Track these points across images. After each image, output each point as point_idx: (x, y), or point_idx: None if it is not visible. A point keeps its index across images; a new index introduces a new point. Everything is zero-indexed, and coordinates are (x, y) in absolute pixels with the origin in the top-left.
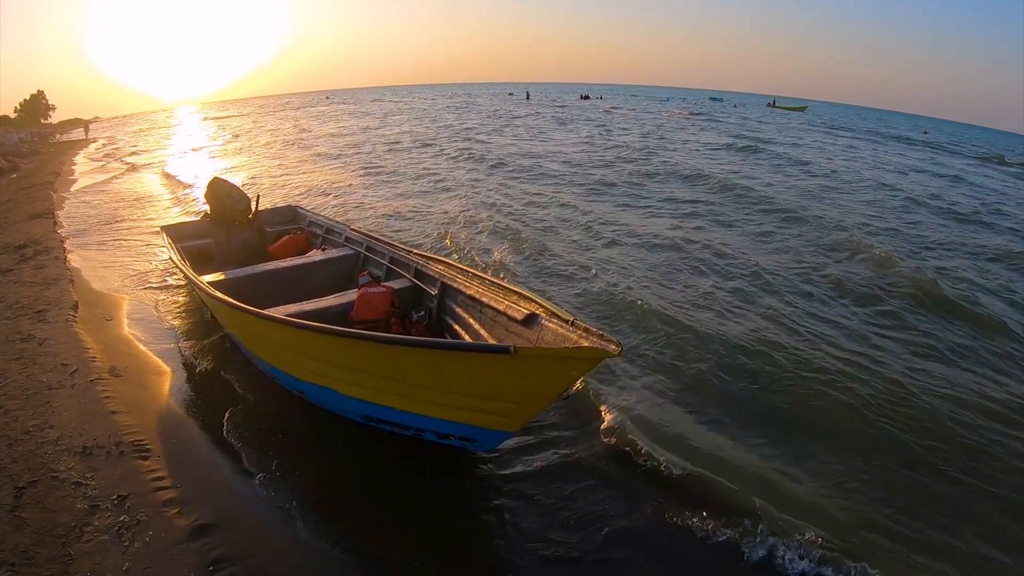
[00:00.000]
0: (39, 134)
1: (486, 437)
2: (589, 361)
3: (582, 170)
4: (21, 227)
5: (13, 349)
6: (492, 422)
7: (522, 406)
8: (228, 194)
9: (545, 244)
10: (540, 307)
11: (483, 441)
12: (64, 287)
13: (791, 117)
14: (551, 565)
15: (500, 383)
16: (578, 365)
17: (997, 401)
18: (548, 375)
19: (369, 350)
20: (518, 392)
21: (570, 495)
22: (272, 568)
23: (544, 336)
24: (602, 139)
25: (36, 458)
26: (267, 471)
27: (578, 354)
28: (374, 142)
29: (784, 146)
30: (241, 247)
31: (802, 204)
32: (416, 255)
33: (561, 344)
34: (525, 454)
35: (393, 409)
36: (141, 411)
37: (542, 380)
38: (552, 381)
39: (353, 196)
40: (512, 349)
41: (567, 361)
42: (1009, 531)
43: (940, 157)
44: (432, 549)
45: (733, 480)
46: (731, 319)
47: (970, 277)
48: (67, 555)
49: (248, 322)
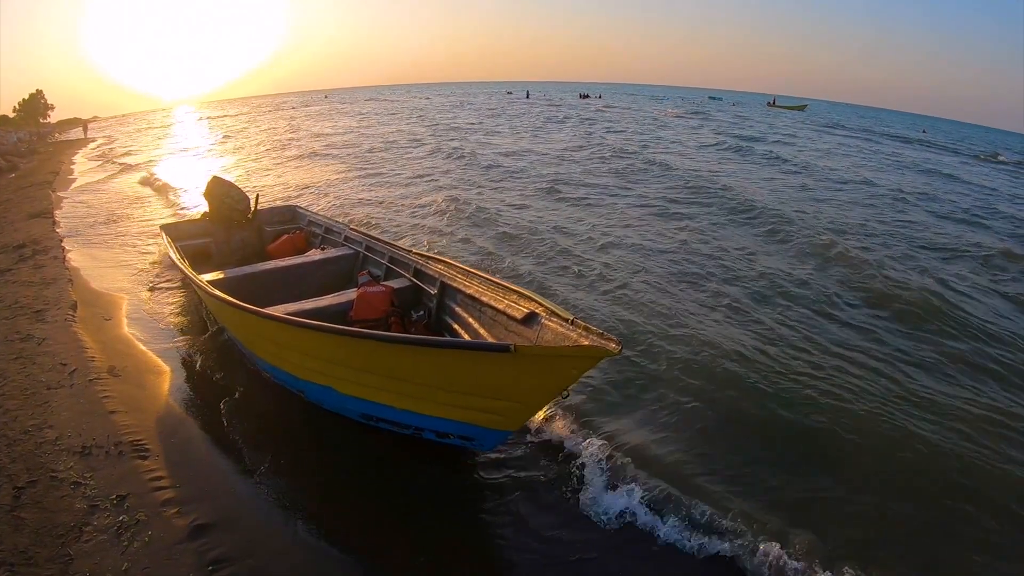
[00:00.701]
0: (38, 133)
1: (485, 436)
2: (589, 360)
3: (549, 167)
4: (20, 226)
5: (12, 349)
6: (491, 421)
7: (522, 405)
8: (227, 193)
9: (519, 241)
10: (540, 306)
11: (482, 440)
12: (63, 287)
13: (788, 116)
14: (550, 565)
15: (500, 382)
16: (578, 363)
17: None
18: (548, 374)
19: (369, 349)
20: (518, 391)
21: (570, 496)
22: (271, 568)
23: (544, 335)
24: (583, 139)
25: (35, 458)
26: (266, 470)
27: (578, 352)
28: (362, 141)
29: (768, 144)
30: (240, 246)
31: (771, 203)
32: (416, 255)
33: (561, 343)
34: (524, 453)
35: (392, 408)
36: (140, 411)
37: (542, 379)
38: (552, 380)
39: (335, 190)
40: (512, 348)
41: (567, 360)
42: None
43: (930, 154)
44: (432, 548)
45: (730, 490)
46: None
47: (942, 276)
48: (66, 555)
49: (247, 321)
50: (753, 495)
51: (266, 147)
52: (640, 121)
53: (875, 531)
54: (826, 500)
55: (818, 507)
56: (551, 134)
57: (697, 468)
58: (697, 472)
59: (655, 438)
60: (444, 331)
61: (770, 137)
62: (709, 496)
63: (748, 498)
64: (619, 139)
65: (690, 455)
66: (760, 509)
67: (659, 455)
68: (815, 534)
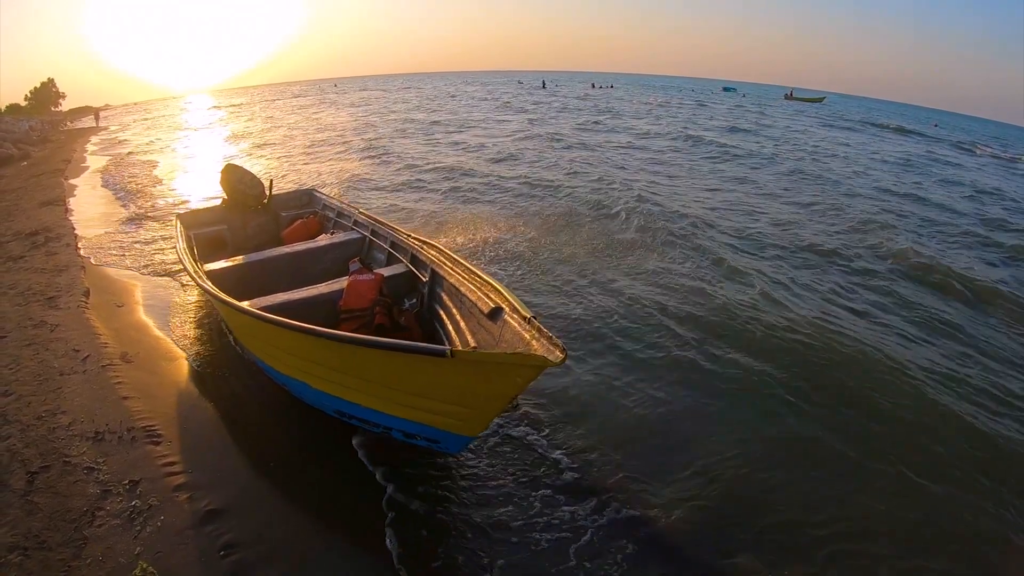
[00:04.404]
0: (49, 122)
1: (449, 439)
2: (531, 368)
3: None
4: (32, 214)
5: (25, 335)
6: (450, 424)
7: (471, 410)
8: (241, 179)
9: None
10: (505, 300)
11: (447, 443)
12: (75, 274)
13: (789, 108)
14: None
15: (446, 385)
16: (521, 372)
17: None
18: (491, 381)
19: (325, 346)
20: (463, 396)
21: (545, 498)
22: (281, 554)
23: (504, 333)
24: (531, 128)
25: (48, 443)
26: (277, 458)
27: (517, 360)
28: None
29: (726, 135)
30: (256, 232)
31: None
32: (414, 240)
33: (516, 343)
34: (500, 455)
35: (359, 406)
36: (152, 397)
37: (485, 385)
38: (496, 387)
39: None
40: (449, 352)
41: (508, 367)
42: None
43: (930, 147)
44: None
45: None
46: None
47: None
48: (79, 539)
49: (231, 314)
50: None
51: (265, 134)
52: (612, 108)
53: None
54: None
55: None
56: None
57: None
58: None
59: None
60: (434, 320)
61: (735, 128)
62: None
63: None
64: (568, 128)
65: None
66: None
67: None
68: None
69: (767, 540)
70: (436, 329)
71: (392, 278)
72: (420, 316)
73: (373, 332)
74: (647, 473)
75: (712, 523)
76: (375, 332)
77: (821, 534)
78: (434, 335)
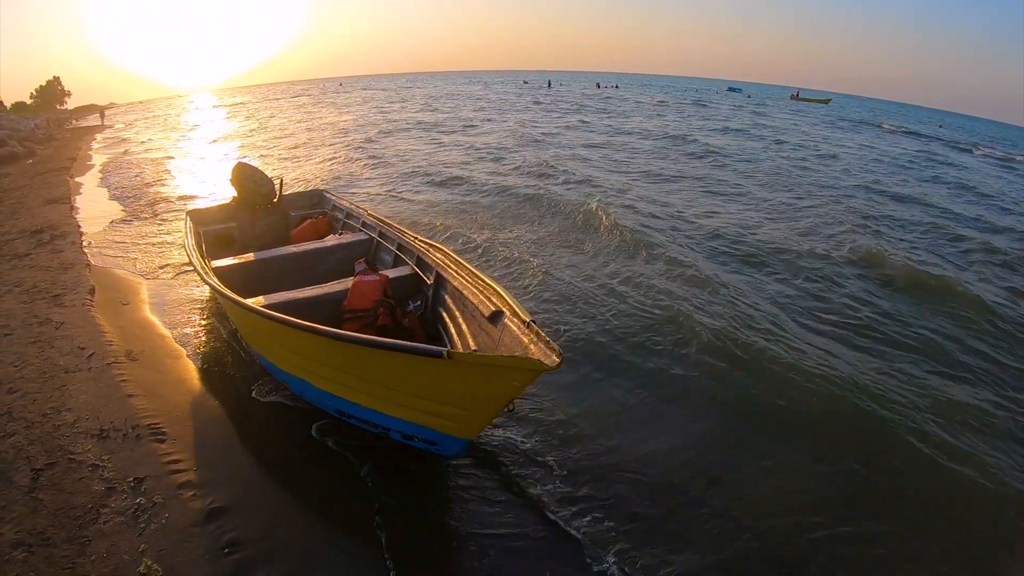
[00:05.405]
0: (55, 120)
1: (446, 442)
2: (527, 372)
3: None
4: (38, 212)
5: (30, 333)
6: (446, 427)
7: (467, 412)
8: (251, 177)
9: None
10: (506, 304)
11: (444, 446)
12: (80, 271)
13: (789, 109)
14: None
15: (443, 387)
16: (517, 375)
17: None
18: (487, 383)
19: (326, 345)
20: (459, 398)
21: (539, 502)
22: (284, 552)
23: (504, 337)
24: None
25: (53, 440)
26: (282, 456)
27: (513, 363)
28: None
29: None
30: (265, 231)
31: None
32: (420, 242)
33: (515, 347)
34: (501, 458)
35: (359, 406)
36: (157, 395)
37: (482, 387)
38: (492, 390)
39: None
40: (446, 354)
41: (504, 371)
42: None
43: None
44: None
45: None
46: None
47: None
48: (84, 536)
49: (235, 310)
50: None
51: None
52: (609, 108)
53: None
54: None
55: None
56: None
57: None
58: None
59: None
60: (437, 323)
61: (726, 128)
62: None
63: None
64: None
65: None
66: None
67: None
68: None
69: (768, 541)
70: (439, 331)
71: (397, 280)
72: (424, 318)
73: (376, 333)
74: (639, 479)
75: (709, 527)
76: (378, 333)
77: (820, 535)
78: (437, 337)
